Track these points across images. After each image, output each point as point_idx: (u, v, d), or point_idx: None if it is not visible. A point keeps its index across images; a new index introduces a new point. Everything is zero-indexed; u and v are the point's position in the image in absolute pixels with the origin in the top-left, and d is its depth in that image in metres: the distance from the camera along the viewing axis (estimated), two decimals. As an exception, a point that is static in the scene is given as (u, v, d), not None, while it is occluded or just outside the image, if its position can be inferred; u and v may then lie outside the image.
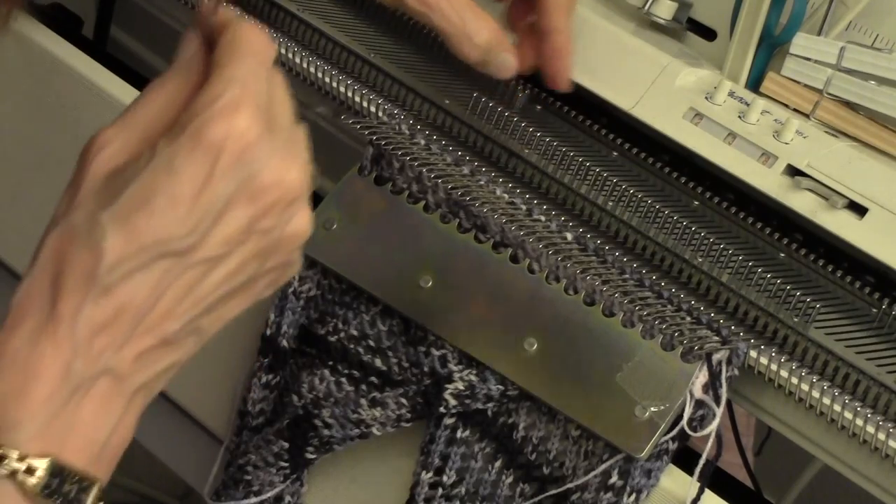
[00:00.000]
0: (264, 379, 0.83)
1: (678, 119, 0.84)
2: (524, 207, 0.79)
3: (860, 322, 0.77)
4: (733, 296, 0.76)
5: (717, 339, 0.73)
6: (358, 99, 0.85)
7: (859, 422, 0.70)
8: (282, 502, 0.82)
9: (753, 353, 0.73)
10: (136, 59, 1.36)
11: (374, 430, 0.78)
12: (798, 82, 0.87)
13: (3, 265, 0.98)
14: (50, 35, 0.96)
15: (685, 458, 0.74)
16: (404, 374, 0.78)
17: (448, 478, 0.78)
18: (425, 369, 0.77)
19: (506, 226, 0.77)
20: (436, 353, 0.77)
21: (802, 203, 0.80)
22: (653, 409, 0.72)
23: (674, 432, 0.72)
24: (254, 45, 0.59)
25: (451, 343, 0.77)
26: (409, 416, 0.78)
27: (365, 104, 0.85)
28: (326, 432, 0.79)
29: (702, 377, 0.72)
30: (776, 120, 0.83)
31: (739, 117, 0.83)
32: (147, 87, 0.59)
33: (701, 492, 0.72)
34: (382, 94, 0.87)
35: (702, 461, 0.72)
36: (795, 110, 0.87)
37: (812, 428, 0.74)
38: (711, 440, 0.72)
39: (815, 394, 0.71)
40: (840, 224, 0.79)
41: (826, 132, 0.84)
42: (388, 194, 0.81)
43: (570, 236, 0.78)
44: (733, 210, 0.84)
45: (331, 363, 0.79)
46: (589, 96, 0.88)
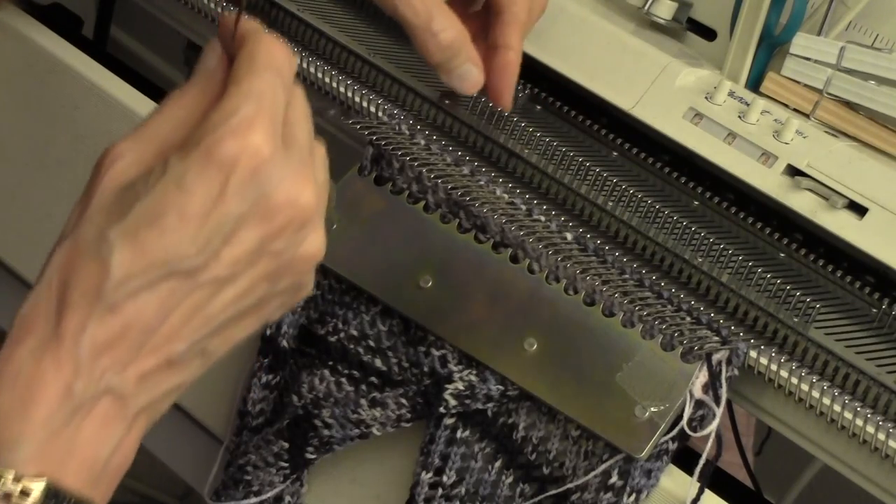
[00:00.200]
0: (264, 379, 0.83)
1: (678, 119, 0.84)
2: (524, 207, 0.79)
3: (860, 322, 0.77)
4: (733, 296, 0.76)
5: (717, 339, 0.73)
6: (358, 99, 0.85)
7: (859, 422, 0.70)
8: (282, 502, 0.82)
9: (753, 353, 0.73)
10: (136, 59, 1.36)
11: (374, 431, 0.78)
12: (798, 82, 0.87)
13: (3, 265, 0.98)
14: (50, 35, 0.96)
15: (685, 458, 0.74)
16: (404, 375, 0.78)
17: (448, 478, 0.78)
18: (425, 369, 0.77)
19: (506, 226, 0.77)
20: (436, 353, 0.77)
21: (802, 203, 0.80)
22: (653, 409, 0.72)
23: (674, 432, 0.72)
24: (273, 59, 0.57)
25: (451, 343, 0.77)
26: (409, 416, 0.78)
27: (365, 104, 0.85)
28: (326, 432, 0.79)
29: (702, 377, 0.72)
30: (776, 120, 0.83)
31: (739, 117, 0.83)
32: (164, 98, 0.58)
33: (701, 492, 0.72)
34: (382, 94, 0.87)
35: (702, 461, 0.72)
36: (795, 110, 0.87)
37: (812, 428, 0.74)
38: (711, 440, 0.72)
39: (815, 394, 0.71)
40: (840, 224, 0.79)
41: (826, 132, 0.84)
42: (388, 194, 0.81)
43: (570, 236, 0.78)
44: (733, 210, 0.84)
45: (331, 363, 0.79)
46: (589, 96, 0.88)
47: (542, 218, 0.79)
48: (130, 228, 0.53)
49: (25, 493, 0.53)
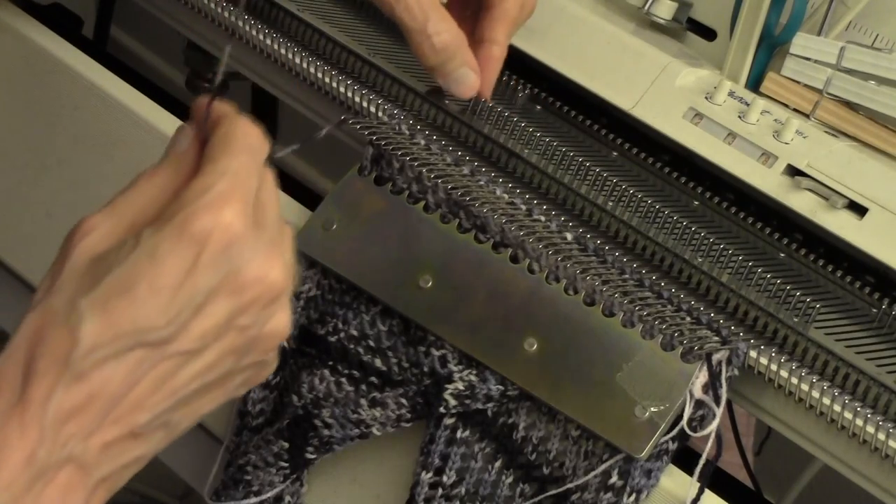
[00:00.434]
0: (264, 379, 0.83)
1: (678, 119, 0.84)
2: (524, 207, 0.79)
3: (860, 322, 0.77)
4: (733, 296, 0.76)
5: (717, 339, 0.73)
6: (358, 99, 0.85)
7: (859, 422, 0.70)
8: (282, 502, 0.82)
9: (753, 353, 0.73)
10: (136, 59, 1.36)
11: (374, 430, 0.78)
12: (798, 82, 0.87)
13: (3, 265, 0.98)
14: (50, 35, 0.96)
15: (685, 458, 0.74)
16: (404, 374, 0.78)
17: (448, 478, 0.78)
18: (425, 369, 0.77)
19: (506, 226, 0.77)
20: (436, 353, 0.77)
21: (802, 203, 0.80)
22: (653, 409, 0.72)
23: (674, 432, 0.72)
24: (248, 140, 0.58)
25: (451, 343, 0.77)
26: (409, 416, 0.78)
27: (365, 104, 0.85)
28: (326, 432, 0.79)
29: (702, 377, 0.72)
30: (776, 120, 0.83)
31: (739, 117, 0.83)
32: (137, 176, 0.59)
33: (701, 492, 0.72)
34: (382, 94, 0.87)
35: (702, 461, 0.72)
36: (795, 110, 0.87)
37: (812, 428, 0.74)
38: (711, 440, 0.72)
39: (815, 394, 0.71)
40: (840, 224, 0.79)
41: (826, 132, 0.84)
42: (388, 194, 0.81)
43: (570, 236, 0.78)
44: (733, 210, 0.84)
45: (331, 363, 0.79)
46: (589, 96, 0.88)
47: (542, 218, 0.79)
48: (101, 298, 0.54)
49: None
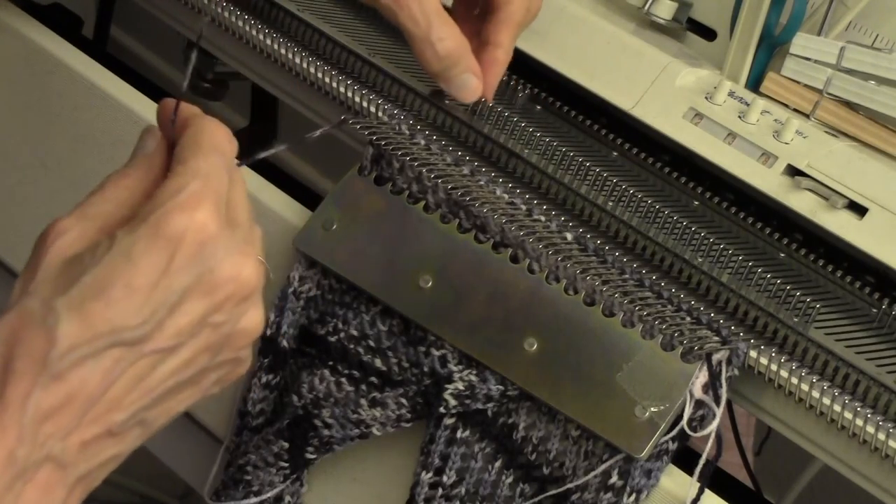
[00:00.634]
0: (264, 379, 0.83)
1: (678, 119, 0.84)
2: (524, 207, 0.79)
3: (860, 322, 0.77)
4: (733, 296, 0.76)
5: (717, 339, 0.73)
6: (358, 99, 0.85)
7: (859, 422, 0.70)
8: (282, 502, 0.82)
9: (753, 353, 0.73)
10: (136, 59, 1.36)
11: (374, 431, 0.78)
12: (798, 82, 0.87)
13: (3, 265, 0.98)
14: (50, 35, 0.96)
15: (685, 458, 0.74)
16: (404, 375, 0.78)
17: (448, 478, 0.78)
18: (425, 369, 0.77)
19: (506, 226, 0.77)
20: (436, 353, 0.77)
21: (802, 203, 0.80)
22: (653, 409, 0.72)
23: (674, 432, 0.72)
24: (216, 141, 0.59)
25: (451, 343, 0.77)
26: (409, 416, 0.78)
27: (365, 104, 0.85)
28: (326, 432, 0.79)
29: (702, 377, 0.72)
30: (776, 120, 0.83)
31: (739, 117, 0.83)
32: (105, 178, 0.60)
33: (701, 492, 0.72)
34: (382, 94, 0.87)
35: (702, 461, 0.72)
36: (795, 110, 0.87)
37: (812, 428, 0.74)
38: (711, 440, 0.72)
39: (815, 394, 0.71)
40: (840, 224, 0.79)
41: (826, 132, 0.84)
42: (388, 194, 0.81)
43: (570, 236, 0.78)
44: (733, 210, 0.84)
45: (331, 363, 0.79)
46: (589, 96, 0.88)
47: (542, 218, 0.79)
48: (77, 299, 0.55)
49: None
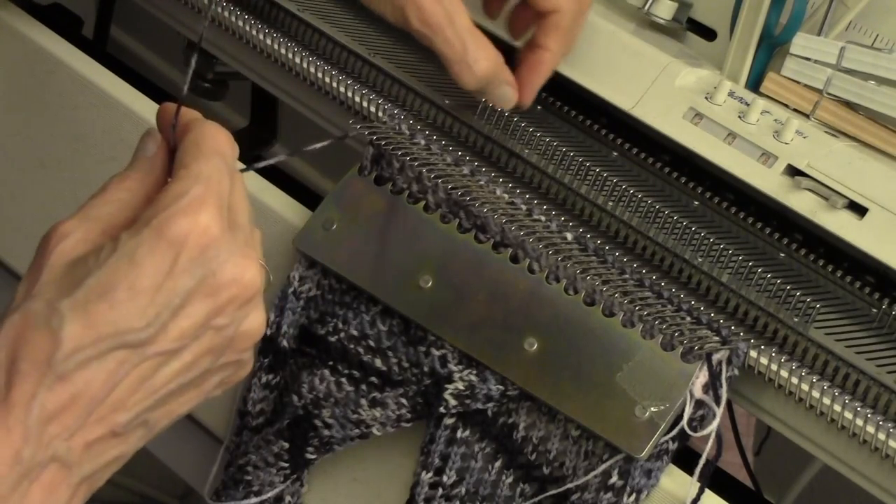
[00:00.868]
0: (264, 379, 0.83)
1: (678, 119, 0.84)
2: (524, 207, 0.79)
3: (860, 322, 0.77)
4: (733, 296, 0.76)
5: (717, 339, 0.73)
6: (358, 99, 0.85)
7: (859, 422, 0.70)
8: (282, 502, 0.82)
9: (753, 353, 0.73)
10: (136, 59, 1.36)
11: (374, 431, 0.78)
12: (798, 82, 0.87)
13: (3, 265, 0.98)
14: (50, 35, 0.96)
15: (685, 458, 0.74)
16: (404, 374, 0.78)
17: (448, 478, 0.78)
18: (425, 369, 0.77)
19: (506, 226, 0.77)
20: (436, 353, 0.77)
21: (802, 203, 0.80)
22: (653, 409, 0.72)
23: (674, 432, 0.72)
24: (218, 145, 0.60)
25: (451, 343, 0.77)
26: (409, 416, 0.78)
27: (365, 104, 0.85)
28: (326, 432, 0.79)
29: (702, 377, 0.72)
30: (776, 120, 0.83)
31: (739, 117, 0.83)
32: (107, 181, 0.60)
33: (701, 492, 0.72)
34: (382, 94, 0.87)
35: (702, 461, 0.72)
36: (795, 110, 0.87)
37: (812, 428, 0.74)
38: (711, 440, 0.72)
39: (815, 394, 0.71)
40: (840, 224, 0.79)
41: (826, 132, 0.84)
42: (388, 194, 0.81)
43: (570, 236, 0.78)
44: (733, 210, 0.84)
45: (331, 363, 0.79)
46: (589, 96, 0.88)
47: (542, 218, 0.79)
48: (81, 301, 0.55)
49: None
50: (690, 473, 0.73)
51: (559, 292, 0.76)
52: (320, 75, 0.87)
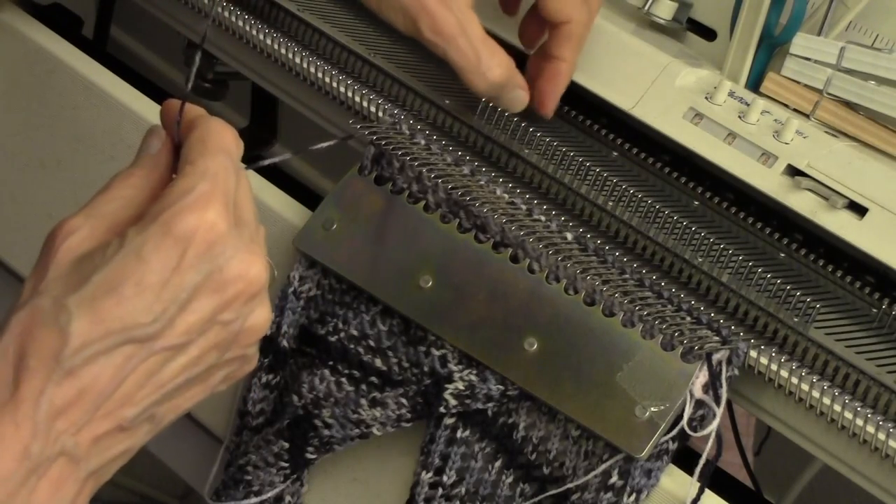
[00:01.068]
0: (264, 379, 0.83)
1: (678, 119, 0.84)
2: (524, 207, 0.79)
3: (860, 322, 0.77)
4: (733, 296, 0.76)
5: (717, 339, 0.73)
6: (358, 99, 0.85)
7: (859, 422, 0.70)
8: (282, 502, 0.82)
9: (753, 353, 0.73)
10: (136, 59, 1.36)
11: (374, 430, 0.78)
12: (798, 82, 0.87)
13: (3, 265, 0.98)
14: (50, 35, 0.96)
15: (685, 458, 0.74)
16: (404, 374, 0.78)
17: (448, 478, 0.78)
18: (425, 369, 0.77)
19: (506, 226, 0.77)
20: (436, 353, 0.77)
21: (802, 203, 0.80)
22: (653, 409, 0.72)
23: (674, 432, 0.72)
24: (224, 142, 0.60)
25: (451, 343, 0.77)
26: (409, 416, 0.78)
27: (365, 104, 0.85)
28: (326, 432, 0.79)
29: (702, 377, 0.72)
30: (776, 120, 0.83)
31: (739, 117, 0.83)
32: (111, 178, 0.61)
33: (701, 492, 0.72)
34: (382, 94, 0.87)
35: (702, 461, 0.72)
36: (795, 110, 0.87)
37: (812, 428, 0.74)
38: (711, 440, 0.72)
39: (815, 394, 0.71)
40: (840, 224, 0.79)
41: (826, 132, 0.84)
42: (388, 194, 0.81)
43: (570, 236, 0.78)
44: (733, 210, 0.84)
45: (331, 363, 0.79)
46: (589, 96, 0.88)
47: (542, 218, 0.79)
48: (88, 297, 0.56)
49: None
50: (690, 473, 0.73)
51: (559, 292, 0.76)
52: (320, 75, 0.87)
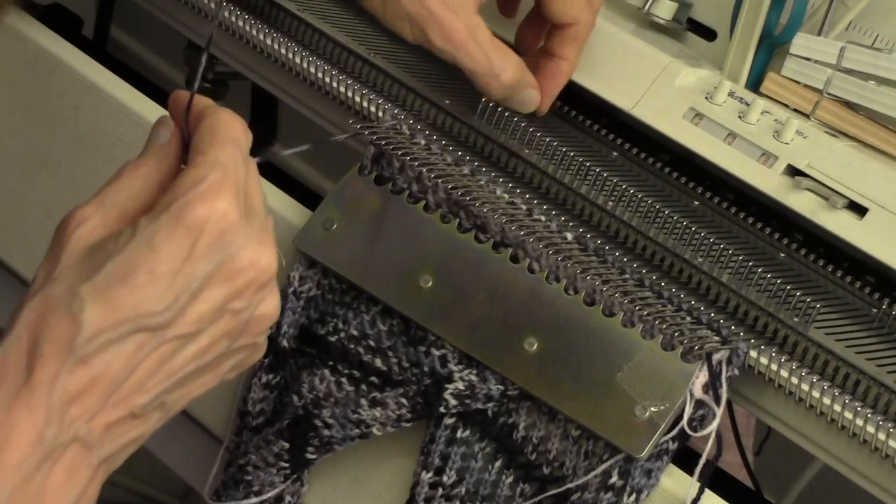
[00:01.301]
0: (264, 379, 0.83)
1: (678, 119, 0.84)
2: (524, 207, 0.79)
3: (860, 322, 0.77)
4: (733, 296, 0.76)
5: (717, 339, 0.73)
6: (358, 99, 0.85)
7: (859, 422, 0.70)
8: (282, 502, 0.82)
9: (753, 353, 0.73)
10: (136, 59, 1.36)
11: (375, 430, 0.78)
12: (798, 82, 0.87)
13: (3, 265, 0.98)
14: (50, 35, 0.96)
15: (685, 458, 0.74)
16: (404, 374, 0.78)
17: (448, 478, 0.78)
18: (425, 369, 0.77)
19: (506, 226, 0.77)
20: (436, 353, 0.77)
21: (802, 203, 0.80)
22: (653, 409, 0.72)
23: (674, 432, 0.72)
24: (233, 132, 0.61)
25: (451, 343, 0.77)
26: (409, 416, 0.78)
27: (365, 104, 0.85)
28: (326, 432, 0.79)
29: (702, 377, 0.72)
30: (776, 120, 0.83)
31: (739, 117, 0.83)
32: (120, 168, 0.61)
33: (701, 492, 0.72)
34: (382, 94, 0.87)
35: (702, 461, 0.72)
36: (795, 110, 0.87)
37: (812, 428, 0.74)
38: (711, 440, 0.72)
39: (815, 394, 0.71)
40: (840, 224, 0.79)
41: (826, 132, 0.84)
42: (388, 194, 0.81)
43: (570, 236, 0.78)
44: (733, 210, 0.84)
45: (331, 363, 0.79)
46: (589, 96, 0.88)
47: (543, 218, 0.79)
48: (101, 285, 0.56)
49: None
50: (690, 473, 0.73)
51: (559, 292, 0.76)
52: (320, 75, 0.87)
